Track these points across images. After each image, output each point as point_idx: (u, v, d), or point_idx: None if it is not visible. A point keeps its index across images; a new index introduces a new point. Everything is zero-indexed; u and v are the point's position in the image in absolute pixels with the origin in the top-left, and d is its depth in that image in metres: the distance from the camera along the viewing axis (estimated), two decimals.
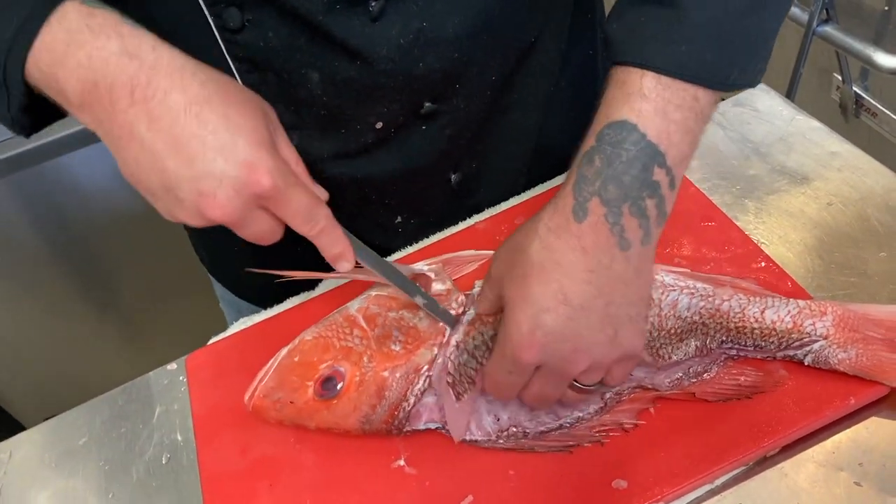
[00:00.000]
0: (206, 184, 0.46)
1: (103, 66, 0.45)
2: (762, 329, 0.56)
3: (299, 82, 0.60)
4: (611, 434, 0.56)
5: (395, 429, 0.57)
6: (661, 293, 0.58)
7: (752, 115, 0.78)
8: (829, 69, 1.51)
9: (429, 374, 0.57)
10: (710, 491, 0.52)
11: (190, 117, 0.46)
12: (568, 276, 0.47)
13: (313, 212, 0.51)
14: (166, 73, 0.46)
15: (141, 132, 0.46)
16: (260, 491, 0.58)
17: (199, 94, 0.47)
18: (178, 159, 0.46)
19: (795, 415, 0.53)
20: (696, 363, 0.57)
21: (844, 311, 0.56)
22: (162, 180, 0.47)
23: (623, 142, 0.46)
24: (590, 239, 0.47)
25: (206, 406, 0.65)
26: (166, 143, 0.46)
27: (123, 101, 0.46)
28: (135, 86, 0.46)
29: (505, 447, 0.56)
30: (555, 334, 0.47)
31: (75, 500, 0.63)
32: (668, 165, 0.47)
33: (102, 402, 0.70)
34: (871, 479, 0.51)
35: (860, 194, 0.68)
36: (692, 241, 0.65)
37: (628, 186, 0.46)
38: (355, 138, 0.64)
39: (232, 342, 0.69)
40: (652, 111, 0.46)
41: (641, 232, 0.47)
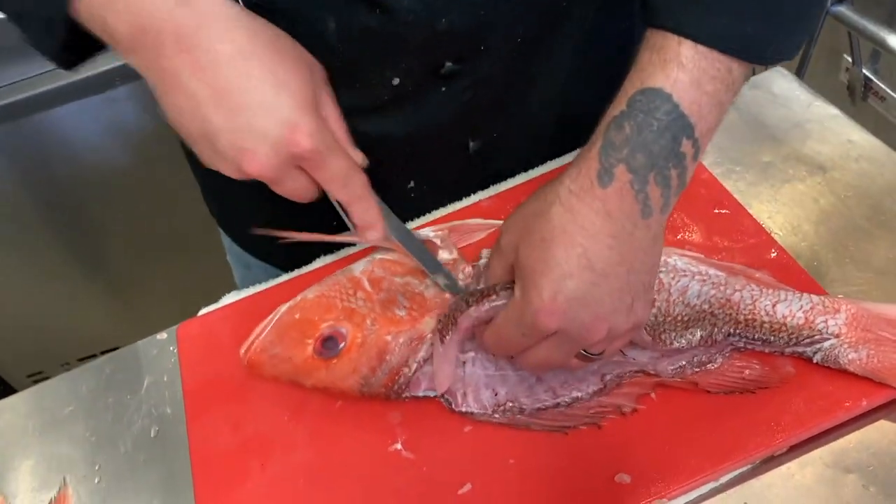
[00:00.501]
0: (246, 139, 0.47)
1: (153, 10, 0.45)
2: (772, 323, 0.55)
3: (314, 30, 0.57)
4: (608, 417, 0.54)
5: (393, 394, 0.56)
6: (672, 278, 0.57)
7: (768, 99, 0.75)
8: (838, 50, 1.48)
9: (432, 342, 0.56)
10: (715, 489, 0.51)
11: (235, 69, 0.46)
12: (592, 239, 0.46)
13: (350, 178, 0.51)
14: (216, 22, 0.46)
15: (185, 80, 0.46)
16: (252, 471, 0.56)
17: (247, 47, 0.46)
18: (221, 111, 0.46)
19: (805, 415, 0.52)
20: (700, 352, 0.56)
21: (858, 309, 0.54)
22: (203, 130, 0.47)
23: (656, 111, 0.45)
24: (614, 204, 0.46)
25: (197, 379, 0.63)
26: (210, 93, 0.46)
27: (170, 47, 0.45)
28: (182, 34, 0.45)
29: (500, 422, 0.55)
30: (577, 300, 0.46)
31: (60, 470, 0.62)
32: (695, 137, 0.46)
33: (88, 370, 0.68)
34: (880, 482, 0.50)
35: (877, 186, 0.66)
36: (704, 229, 0.63)
37: (656, 156, 0.45)
38: (370, 94, 0.61)
39: (225, 314, 0.67)
40: (688, 82, 0.45)
41: (662, 201, 0.46)
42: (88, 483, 0.60)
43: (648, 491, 0.50)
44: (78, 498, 0.60)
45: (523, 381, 0.56)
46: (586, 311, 0.46)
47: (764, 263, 0.60)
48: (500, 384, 0.56)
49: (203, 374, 0.63)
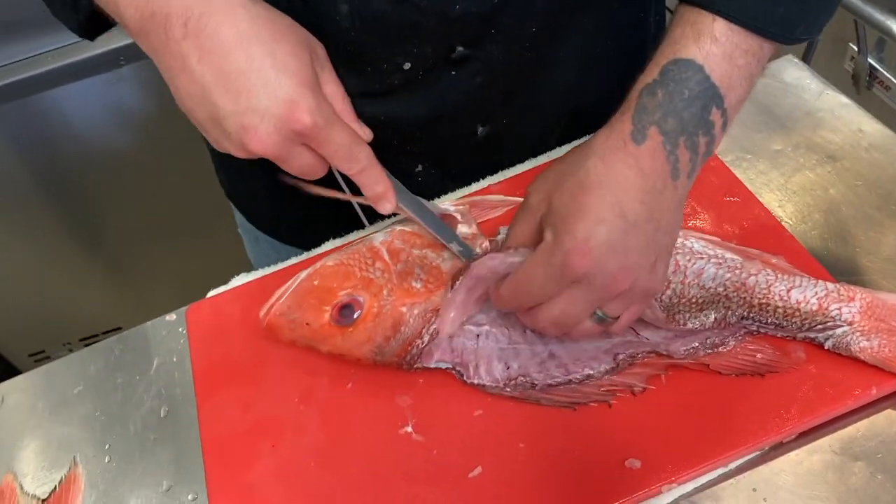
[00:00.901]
0: (249, 119, 0.48)
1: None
2: (786, 308, 0.55)
3: (326, 13, 0.57)
4: (618, 395, 0.55)
5: (406, 364, 0.57)
6: (688, 260, 0.58)
7: (780, 87, 0.75)
8: (844, 38, 1.48)
9: None
10: (724, 475, 0.52)
11: (238, 53, 0.48)
12: (625, 192, 0.47)
13: (354, 150, 0.52)
14: (220, 6, 0.48)
15: (192, 64, 0.48)
16: (262, 452, 0.57)
17: (249, 30, 0.48)
18: (226, 94, 0.48)
19: (814, 402, 0.52)
20: (713, 334, 0.56)
21: (874, 299, 0.55)
22: (210, 113, 0.49)
23: (688, 80, 0.47)
24: (647, 161, 0.47)
25: (207, 361, 0.63)
26: (215, 77, 0.48)
27: (177, 31, 0.47)
28: (188, 17, 0.47)
29: (511, 395, 0.56)
30: (608, 246, 0.47)
31: (70, 450, 0.62)
32: (724, 107, 0.48)
33: (97, 350, 0.68)
34: (888, 470, 0.50)
35: (888, 175, 0.66)
36: (715, 217, 0.63)
37: (686, 122, 0.47)
38: (381, 78, 0.62)
39: (234, 295, 0.67)
40: (720, 55, 0.47)
41: (690, 166, 0.48)
42: (98, 462, 0.61)
43: (658, 476, 0.51)
44: (88, 477, 0.60)
45: (535, 356, 0.57)
46: (614, 258, 0.47)
47: (774, 251, 0.60)
48: (513, 358, 0.57)
49: (213, 356, 0.63)
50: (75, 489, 0.59)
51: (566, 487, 0.51)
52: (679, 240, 0.59)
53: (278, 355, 0.62)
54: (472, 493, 0.52)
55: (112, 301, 1.51)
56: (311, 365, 0.61)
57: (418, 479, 0.53)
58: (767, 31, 0.47)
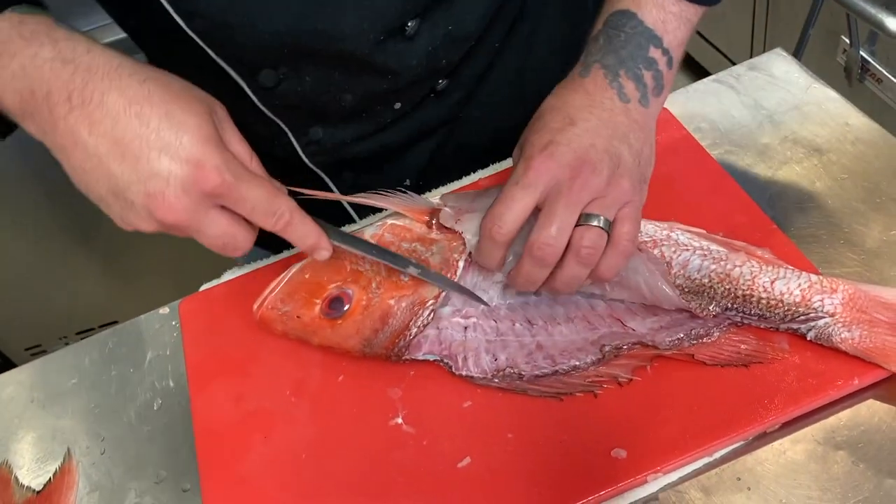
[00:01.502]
0: (153, 184, 0.45)
1: (38, 74, 0.45)
2: (769, 300, 0.56)
3: (330, 102, 0.63)
4: (604, 386, 0.56)
5: (394, 355, 0.58)
6: (674, 251, 0.59)
7: (768, 80, 0.76)
8: (836, 31, 1.48)
9: (433, 308, 0.58)
10: (709, 464, 0.52)
11: (131, 117, 0.45)
12: (574, 108, 0.54)
13: (274, 204, 0.49)
14: (103, 74, 0.45)
15: (83, 138, 0.45)
16: (254, 443, 0.57)
17: (139, 93, 0.46)
18: (124, 161, 0.45)
19: (798, 392, 0.53)
20: (698, 325, 0.57)
21: (856, 290, 0.55)
22: (110, 185, 0.46)
23: (623, 26, 0.56)
24: (591, 86, 0.55)
25: (200, 353, 0.64)
26: (110, 147, 0.45)
27: (61, 107, 0.45)
28: (71, 90, 0.45)
29: (499, 386, 0.57)
30: (565, 145, 0.52)
31: (64, 442, 0.63)
32: (664, 47, 0.56)
33: (91, 343, 0.69)
34: (869, 459, 0.51)
35: (873, 169, 0.67)
36: (702, 209, 0.64)
37: (625, 58, 0.55)
38: (375, 121, 0.67)
39: (226, 289, 0.68)
40: (652, 3, 0.56)
41: (639, 93, 0.55)
42: (92, 454, 0.61)
43: (644, 465, 0.51)
44: (82, 469, 0.61)
45: (523, 348, 0.58)
46: (572, 154, 0.52)
47: (760, 244, 0.61)
48: (501, 349, 0.58)
49: (205, 349, 0.64)
50: (70, 481, 0.60)
51: (553, 477, 0.52)
52: (665, 231, 0.60)
53: (270, 348, 0.62)
54: (461, 483, 0.53)
55: (108, 295, 1.52)
56: (302, 357, 0.61)
57: (408, 470, 0.54)
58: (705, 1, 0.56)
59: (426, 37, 0.61)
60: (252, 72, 0.60)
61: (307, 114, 0.65)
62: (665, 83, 0.57)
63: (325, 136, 0.67)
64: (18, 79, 0.45)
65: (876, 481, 0.50)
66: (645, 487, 0.52)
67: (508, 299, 0.60)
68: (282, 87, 0.61)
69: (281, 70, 0.60)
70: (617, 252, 0.53)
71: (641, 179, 0.56)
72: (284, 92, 0.61)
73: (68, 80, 0.45)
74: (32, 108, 0.46)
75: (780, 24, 1.62)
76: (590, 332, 0.57)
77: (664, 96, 0.58)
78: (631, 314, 0.58)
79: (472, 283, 0.60)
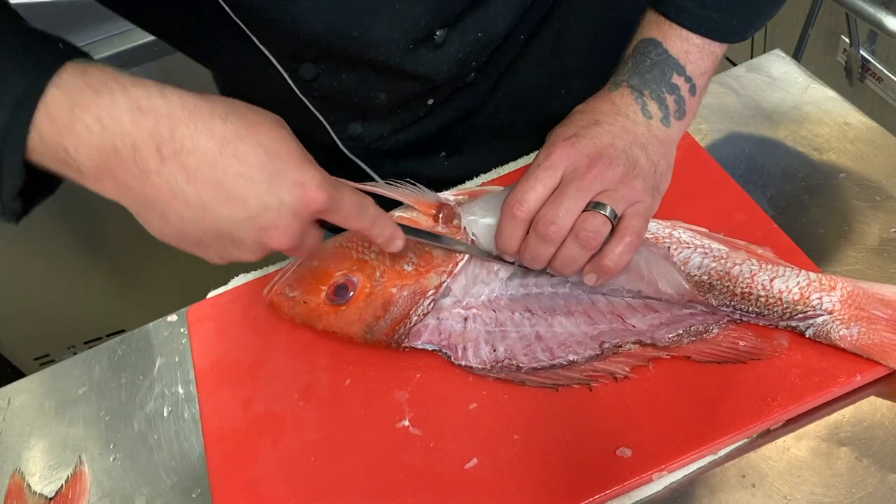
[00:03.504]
0: (265, 218, 0.46)
1: (118, 126, 0.42)
2: (768, 297, 0.57)
3: (366, 99, 0.65)
4: (601, 381, 0.56)
5: (394, 342, 0.60)
6: (675, 249, 0.60)
7: (767, 81, 0.76)
8: (836, 31, 1.49)
9: (434, 298, 0.60)
10: (714, 462, 0.53)
11: (228, 158, 0.44)
12: (600, 113, 0.59)
13: (363, 206, 0.52)
14: (185, 119, 0.43)
15: (182, 188, 0.44)
16: (263, 447, 0.58)
17: (227, 132, 0.45)
18: (231, 204, 0.45)
19: (801, 389, 0.53)
20: (697, 322, 0.58)
21: (854, 288, 0.56)
22: (217, 229, 0.46)
23: (650, 53, 0.60)
24: (618, 99, 0.60)
25: (208, 360, 0.64)
26: (213, 192, 0.44)
27: (152, 160, 0.43)
28: (159, 142, 0.43)
29: (497, 377, 0.58)
30: (587, 138, 0.57)
31: (75, 449, 0.63)
32: (687, 75, 0.60)
33: (100, 352, 0.70)
34: (872, 454, 0.51)
35: (872, 168, 0.67)
36: (703, 209, 0.64)
37: (649, 81, 0.59)
38: (410, 116, 0.70)
39: (233, 296, 0.69)
40: (676, 35, 0.60)
41: (661, 114, 0.59)
42: (103, 461, 0.62)
43: (649, 464, 0.52)
44: (93, 475, 0.62)
45: (522, 339, 0.59)
46: (592, 146, 0.56)
47: (760, 242, 0.62)
48: (500, 341, 0.59)
49: (214, 355, 0.64)
50: (81, 487, 0.61)
51: (559, 477, 0.53)
52: (667, 229, 0.61)
53: (278, 353, 0.63)
54: (468, 484, 0.53)
55: (115, 304, 1.53)
56: (310, 362, 0.62)
57: (416, 471, 0.55)
58: (724, 39, 0.60)
59: (455, 44, 0.62)
60: (293, 64, 0.61)
61: (346, 108, 0.67)
62: (688, 109, 0.60)
63: (364, 131, 0.69)
64: (96, 134, 0.42)
65: (879, 476, 0.50)
66: (650, 486, 0.53)
67: (510, 291, 0.61)
68: (320, 81, 0.63)
69: (320, 66, 0.62)
70: (621, 243, 0.55)
71: (655, 188, 0.58)
72: (322, 85, 0.63)
73: (153, 130, 0.42)
74: (115, 165, 0.43)
75: (781, 25, 1.63)
76: (589, 327, 0.59)
77: (687, 121, 0.61)
78: (631, 310, 0.59)
79: (473, 275, 0.61)
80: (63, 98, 0.42)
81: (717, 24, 0.59)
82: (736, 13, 0.59)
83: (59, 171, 0.44)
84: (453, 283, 0.61)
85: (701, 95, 0.62)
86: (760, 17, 0.62)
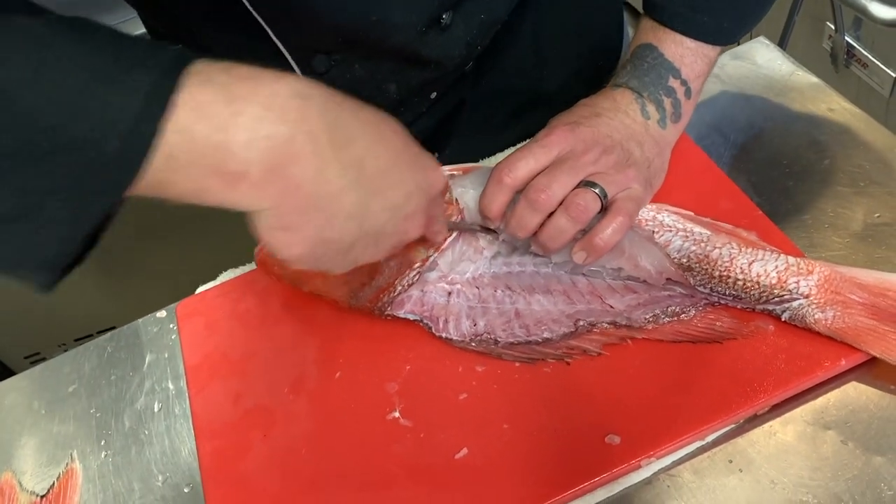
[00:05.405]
0: (410, 205, 0.46)
1: (290, 114, 0.37)
2: (745, 281, 0.57)
3: (375, 93, 0.66)
4: (574, 357, 0.58)
5: (377, 310, 0.61)
6: (657, 233, 0.61)
7: (751, 68, 0.77)
8: (821, 17, 1.49)
9: (419, 270, 0.61)
10: (701, 447, 0.53)
11: (381, 147, 0.43)
12: (601, 108, 0.61)
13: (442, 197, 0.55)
14: (340, 107, 0.41)
15: (353, 181, 0.41)
16: (254, 441, 0.58)
17: (371, 119, 0.44)
18: (390, 193, 0.44)
19: (786, 374, 0.54)
20: (675, 303, 0.58)
21: (831, 272, 0.56)
22: (374, 225, 0.44)
23: (646, 57, 0.63)
24: (620, 97, 0.62)
25: (198, 355, 0.64)
26: (377, 183, 0.43)
27: (327, 149, 0.39)
28: (331, 130, 0.39)
29: (475, 350, 0.59)
30: (586, 126, 0.59)
31: (67, 447, 0.63)
32: (682, 78, 0.63)
33: (90, 349, 0.70)
34: (857, 438, 0.52)
35: (858, 154, 0.67)
36: (688, 196, 0.65)
37: (647, 83, 0.62)
38: (413, 112, 0.71)
39: (222, 291, 0.69)
40: (670, 40, 0.63)
41: (658, 115, 0.62)
42: (95, 458, 0.62)
43: (638, 451, 0.52)
44: (85, 472, 0.62)
45: (502, 315, 0.60)
46: (591, 134, 0.59)
47: (745, 229, 0.62)
48: (481, 316, 0.61)
49: (203, 350, 0.64)
50: (73, 484, 0.61)
51: (549, 465, 0.53)
52: (651, 213, 0.62)
53: (267, 347, 0.63)
54: (459, 474, 0.54)
55: (105, 301, 1.52)
56: (300, 355, 0.62)
57: (407, 462, 0.55)
58: (716, 41, 0.63)
59: (462, 27, 0.64)
60: (306, 56, 0.62)
61: None
62: (683, 112, 0.63)
63: None
64: (269, 123, 0.36)
65: (864, 459, 0.51)
66: (639, 472, 0.53)
67: (494, 269, 0.63)
68: (332, 73, 0.63)
69: (333, 56, 0.62)
70: (613, 222, 0.56)
71: (647, 181, 0.61)
72: (334, 78, 0.63)
73: (321, 119, 0.38)
74: (289, 160, 0.37)
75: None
76: (567, 306, 0.60)
77: (682, 125, 0.64)
78: (611, 291, 0.60)
79: (460, 252, 0.63)
80: (215, 90, 0.35)
81: (708, 27, 0.62)
82: (726, 16, 0.62)
83: (190, 188, 0.37)
84: (440, 257, 0.62)
85: (696, 98, 0.64)
86: (750, 18, 0.64)
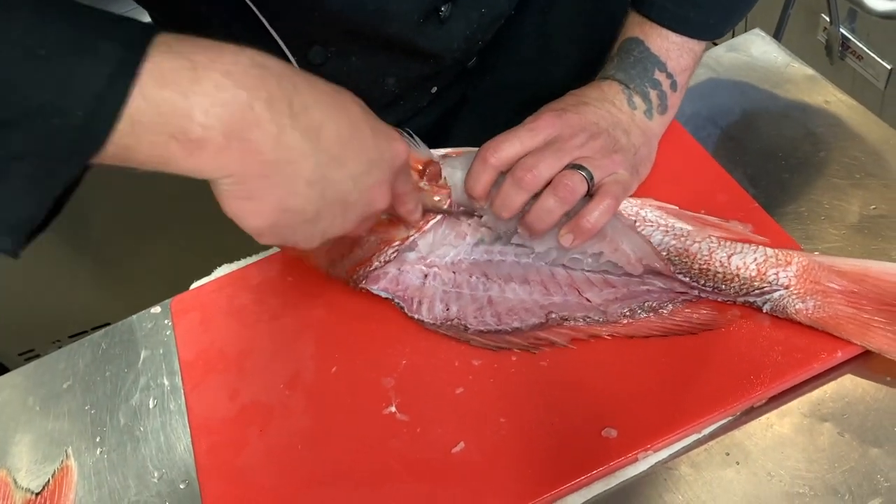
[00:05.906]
0: (373, 175, 0.46)
1: (250, 80, 0.38)
2: (725, 274, 0.58)
3: (374, 86, 0.66)
4: (542, 348, 0.58)
5: (353, 282, 0.63)
6: (640, 227, 0.61)
7: (746, 60, 0.77)
8: (816, 9, 1.49)
9: (397, 249, 0.62)
10: (698, 440, 0.53)
11: (342, 114, 0.44)
12: (589, 97, 0.62)
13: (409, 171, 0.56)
14: (297, 74, 0.42)
15: (312, 146, 0.42)
16: (250, 437, 0.58)
17: (330, 89, 0.44)
18: (351, 161, 0.44)
19: (783, 366, 0.54)
20: (652, 298, 0.59)
21: (810, 262, 0.56)
22: (337, 192, 0.44)
23: (633, 50, 0.63)
24: (607, 88, 0.63)
25: (193, 351, 0.64)
26: (337, 149, 0.43)
27: (286, 115, 0.40)
28: (290, 96, 0.40)
29: (446, 334, 0.60)
30: (574, 113, 0.60)
31: (62, 443, 0.63)
32: (668, 71, 0.63)
33: (84, 345, 0.69)
34: (854, 429, 0.52)
35: (853, 146, 0.67)
36: (683, 189, 0.65)
37: (633, 76, 0.63)
38: (413, 107, 0.71)
39: (217, 286, 0.68)
40: (656, 34, 0.63)
41: (645, 106, 0.63)
42: (90, 455, 0.62)
43: (634, 444, 0.52)
44: (80, 469, 0.61)
45: (475, 302, 0.61)
46: (578, 120, 0.60)
47: (741, 220, 0.62)
48: (454, 301, 0.61)
49: (198, 346, 0.64)
50: (68, 481, 0.61)
51: (546, 459, 0.53)
52: (635, 208, 0.62)
53: (263, 343, 0.63)
54: (456, 468, 0.54)
55: (99, 297, 1.52)
56: (296, 351, 0.62)
57: (404, 457, 0.55)
58: (701, 36, 0.63)
59: (461, 21, 0.64)
60: (303, 48, 0.61)
61: None
62: (669, 104, 0.64)
63: None
64: (229, 90, 0.37)
65: (861, 451, 0.51)
66: (636, 465, 0.53)
67: (475, 256, 0.63)
68: (329, 66, 0.63)
69: (330, 49, 0.62)
70: (601, 204, 0.57)
71: (634, 168, 0.61)
72: (331, 71, 0.63)
73: (280, 84, 0.40)
74: (248, 125, 0.39)
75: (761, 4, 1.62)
76: (542, 297, 0.60)
77: (668, 117, 0.65)
78: (589, 284, 0.60)
79: (442, 236, 0.63)
80: (178, 59, 0.36)
81: (694, 22, 0.62)
82: (712, 12, 0.62)
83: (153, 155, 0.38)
84: (421, 238, 0.62)
85: (682, 91, 0.65)
86: (735, 14, 0.65)
